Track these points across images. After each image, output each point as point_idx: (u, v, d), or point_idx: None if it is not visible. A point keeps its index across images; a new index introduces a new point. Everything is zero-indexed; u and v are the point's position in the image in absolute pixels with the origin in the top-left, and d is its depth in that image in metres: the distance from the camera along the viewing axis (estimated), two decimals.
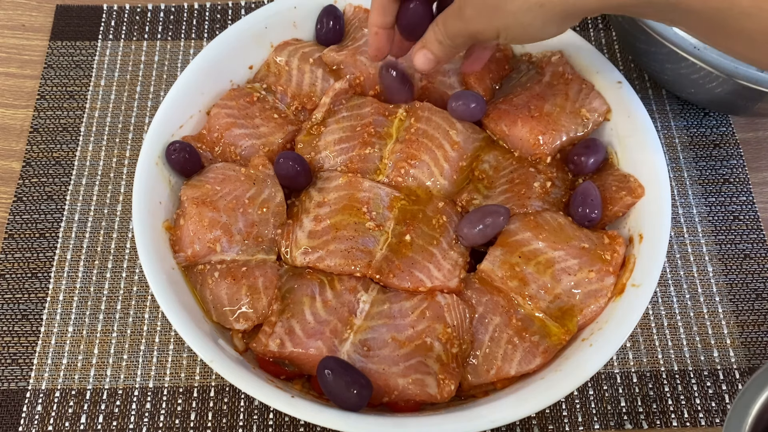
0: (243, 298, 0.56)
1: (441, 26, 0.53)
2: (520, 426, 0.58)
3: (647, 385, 0.60)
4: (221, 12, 0.80)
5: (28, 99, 0.74)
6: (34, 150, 0.71)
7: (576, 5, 0.45)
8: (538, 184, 0.61)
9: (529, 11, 0.47)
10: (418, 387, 0.52)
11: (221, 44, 0.66)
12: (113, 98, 0.74)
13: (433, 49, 0.55)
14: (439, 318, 0.54)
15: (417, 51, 0.56)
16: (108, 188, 0.69)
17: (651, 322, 0.63)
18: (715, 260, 0.66)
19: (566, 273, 0.56)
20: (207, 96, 0.66)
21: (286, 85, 0.68)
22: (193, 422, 0.58)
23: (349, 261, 0.57)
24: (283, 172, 0.61)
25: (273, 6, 0.69)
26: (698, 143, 0.72)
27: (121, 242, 0.66)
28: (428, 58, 0.56)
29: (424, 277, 0.56)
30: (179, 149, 0.60)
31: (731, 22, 0.42)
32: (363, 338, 0.54)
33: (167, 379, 0.60)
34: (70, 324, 0.62)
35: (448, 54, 0.55)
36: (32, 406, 0.59)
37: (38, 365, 0.61)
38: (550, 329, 0.55)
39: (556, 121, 0.62)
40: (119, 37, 0.78)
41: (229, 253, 0.58)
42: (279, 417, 0.59)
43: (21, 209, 0.68)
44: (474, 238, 0.58)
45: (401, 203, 0.60)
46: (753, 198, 0.69)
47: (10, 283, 0.64)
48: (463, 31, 0.52)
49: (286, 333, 0.55)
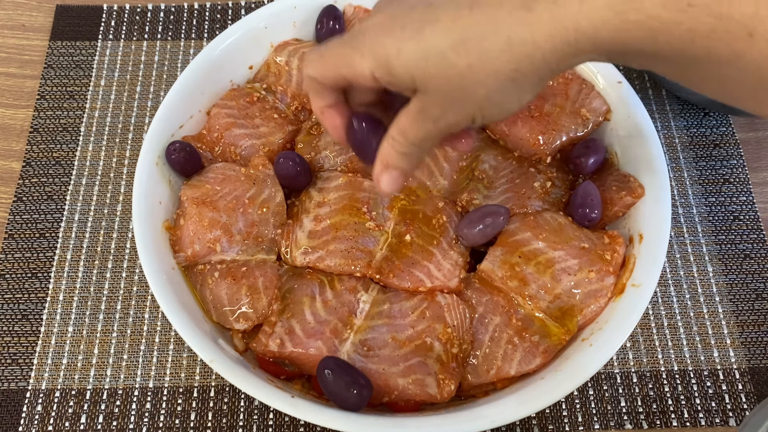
0: (243, 298, 0.56)
1: (400, 137, 0.45)
2: (520, 426, 0.58)
3: (647, 385, 0.60)
4: (221, 12, 0.80)
5: (28, 99, 0.74)
6: (34, 150, 0.71)
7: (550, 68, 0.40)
8: (538, 184, 0.61)
9: (502, 90, 0.41)
10: (418, 387, 0.52)
11: (221, 44, 0.66)
12: (113, 98, 0.74)
13: (398, 166, 0.47)
14: (439, 318, 0.54)
15: (380, 174, 0.48)
16: (108, 188, 0.69)
17: (651, 322, 0.63)
18: (715, 260, 0.66)
19: (566, 273, 0.56)
20: (207, 96, 0.66)
21: (286, 85, 0.68)
22: (193, 422, 0.58)
23: (349, 261, 0.57)
24: (283, 172, 0.61)
25: (273, 6, 0.69)
26: (698, 143, 0.72)
27: (121, 242, 0.66)
28: (395, 178, 0.48)
29: (424, 277, 0.56)
30: (179, 149, 0.61)
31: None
32: (363, 338, 0.54)
33: (167, 379, 0.60)
34: (70, 324, 0.62)
35: (416, 163, 0.48)
36: (32, 406, 0.59)
37: (38, 365, 0.61)
38: (550, 329, 0.55)
39: (556, 121, 0.62)
40: (119, 37, 0.78)
41: (229, 253, 0.58)
42: (279, 417, 0.59)
43: (21, 209, 0.68)
44: (474, 238, 0.58)
45: (401, 203, 0.60)
46: (753, 198, 0.69)
47: (10, 283, 0.64)
48: (432, 132, 0.45)
49: (286, 333, 0.55)
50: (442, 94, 0.42)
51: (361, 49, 0.43)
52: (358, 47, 0.43)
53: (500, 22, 0.38)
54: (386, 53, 0.41)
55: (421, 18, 0.41)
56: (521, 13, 0.38)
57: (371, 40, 0.42)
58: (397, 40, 0.41)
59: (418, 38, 0.40)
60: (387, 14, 0.43)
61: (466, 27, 0.39)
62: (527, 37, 0.38)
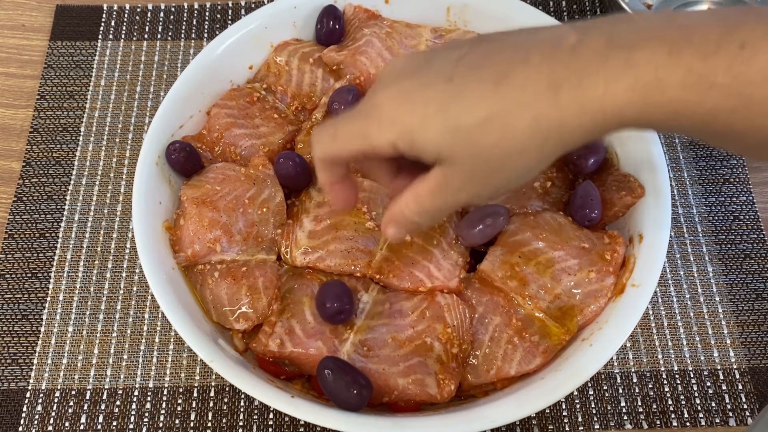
0: (243, 298, 0.56)
1: (415, 204, 0.46)
2: (520, 426, 0.58)
3: (647, 385, 0.60)
4: (221, 12, 0.80)
5: (28, 99, 0.74)
6: (34, 150, 0.71)
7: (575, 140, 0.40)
8: (538, 184, 0.61)
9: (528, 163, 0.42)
10: (418, 387, 0.52)
11: (221, 44, 0.66)
12: (113, 98, 0.74)
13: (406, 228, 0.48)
14: (439, 318, 0.54)
15: (387, 226, 0.49)
16: (108, 188, 0.69)
17: (651, 322, 0.63)
18: (715, 260, 0.66)
19: (566, 273, 0.56)
20: (207, 96, 0.66)
21: (286, 85, 0.68)
22: (193, 422, 0.58)
23: (349, 261, 0.57)
24: (283, 172, 0.61)
25: (273, 6, 0.69)
26: (698, 143, 0.72)
27: (121, 242, 0.66)
28: (401, 235, 0.49)
29: (424, 277, 0.56)
30: (179, 149, 0.61)
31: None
32: (363, 338, 0.54)
33: (167, 379, 0.60)
34: (70, 324, 0.62)
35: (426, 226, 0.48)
36: (32, 406, 0.59)
37: (38, 365, 0.61)
38: (550, 329, 0.55)
39: None
40: (119, 37, 0.78)
41: (229, 253, 0.58)
42: (279, 417, 0.59)
43: (21, 209, 0.68)
44: (474, 238, 0.58)
45: None
46: (753, 198, 0.69)
47: (10, 283, 0.64)
48: (450, 204, 0.45)
49: (286, 333, 0.55)
50: (467, 168, 0.42)
51: (379, 122, 0.43)
52: (376, 120, 0.43)
53: (526, 102, 0.39)
54: (410, 126, 0.41)
55: (444, 94, 0.41)
56: (547, 94, 0.38)
57: (390, 113, 0.42)
58: (420, 115, 0.41)
59: (444, 114, 0.40)
60: (402, 88, 0.42)
61: (491, 105, 0.39)
62: (554, 117, 0.39)
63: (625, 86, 0.37)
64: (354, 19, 0.70)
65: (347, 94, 0.63)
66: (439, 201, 0.45)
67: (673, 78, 0.36)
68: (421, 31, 0.69)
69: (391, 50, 0.66)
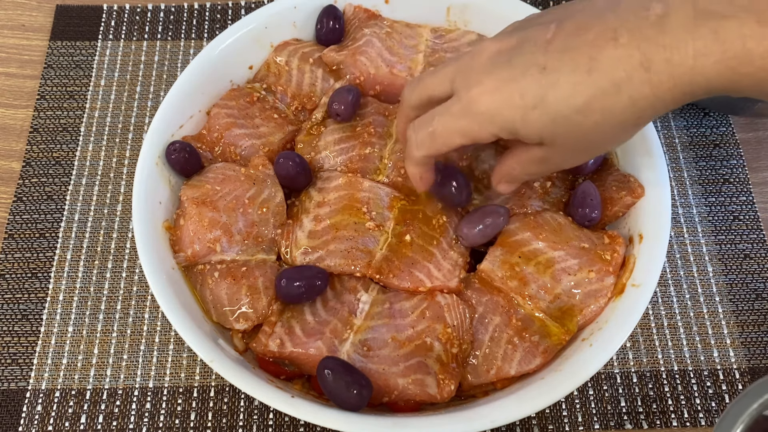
0: (243, 298, 0.56)
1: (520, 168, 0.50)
2: (520, 426, 0.58)
3: (647, 385, 0.60)
4: (221, 12, 0.80)
5: (28, 99, 0.74)
6: (34, 150, 0.71)
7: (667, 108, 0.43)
8: (538, 184, 0.61)
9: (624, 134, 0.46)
10: (418, 387, 0.52)
11: (221, 44, 0.66)
12: (113, 98, 0.74)
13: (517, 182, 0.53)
14: (439, 318, 0.54)
15: (499, 183, 0.53)
16: (108, 188, 0.69)
17: (651, 322, 0.63)
18: (715, 260, 0.66)
19: (566, 273, 0.56)
20: (207, 96, 0.66)
21: (286, 85, 0.68)
22: (193, 422, 0.58)
23: (349, 261, 0.57)
24: (283, 172, 0.61)
25: (273, 6, 0.69)
26: (698, 143, 0.72)
27: (121, 242, 0.66)
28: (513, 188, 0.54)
29: (424, 277, 0.56)
30: (179, 149, 0.61)
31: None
32: (363, 338, 0.54)
33: (167, 379, 0.60)
34: (70, 324, 0.62)
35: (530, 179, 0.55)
36: (32, 406, 0.59)
37: (38, 365, 0.61)
38: (550, 329, 0.55)
39: None
40: (119, 37, 0.78)
41: (229, 253, 0.58)
42: (279, 417, 0.59)
43: (21, 209, 0.68)
44: (474, 238, 0.58)
45: (401, 203, 0.60)
46: (753, 198, 0.69)
47: (10, 283, 0.64)
48: (551, 171, 0.51)
49: (286, 333, 0.55)
50: (568, 147, 0.46)
51: (479, 119, 0.46)
52: (475, 117, 0.46)
53: (620, 83, 0.41)
54: (511, 119, 0.44)
55: (540, 83, 0.43)
56: (639, 73, 0.41)
57: (489, 109, 0.45)
58: (520, 108, 0.44)
59: (544, 105, 0.43)
60: (496, 80, 0.45)
61: (588, 91, 0.42)
62: (649, 93, 0.41)
63: (714, 59, 0.39)
64: (354, 19, 0.70)
65: (347, 94, 0.63)
66: (542, 168, 0.49)
67: (760, 48, 0.37)
68: (421, 31, 0.69)
69: (391, 50, 0.66)
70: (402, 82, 0.66)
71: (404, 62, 0.66)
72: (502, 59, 0.45)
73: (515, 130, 0.45)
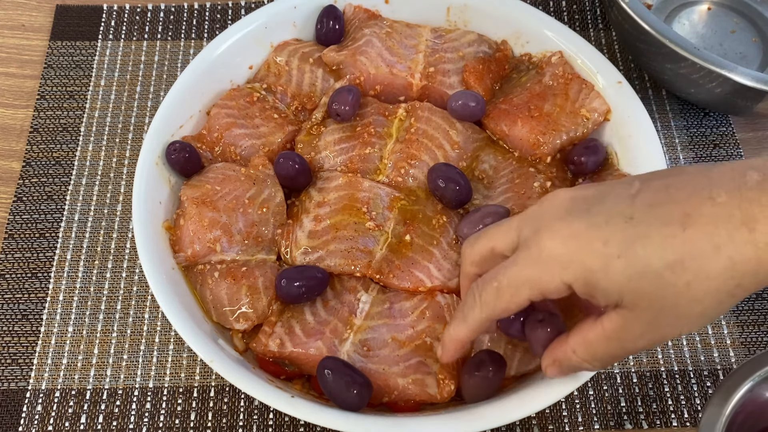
0: (243, 298, 0.56)
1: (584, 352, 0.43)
2: (520, 426, 0.58)
3: (647, 385, 0.60)
4: (221, 12, 0.80)
5: (28, 99, 0.74)
6: (34, 150, 0.71)
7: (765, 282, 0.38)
8: (538, 184, 0.61)
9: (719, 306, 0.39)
10: (418, 387, 0.52)
11: (221, 44, 0.66)
12: (113, 98, 0.74)
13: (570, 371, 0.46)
14: (439, 318, 0.54)
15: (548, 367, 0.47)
16: (108, 188, 0.69)
17: None
18: None
19: None
20: (207, 96, 0.66)
21: (286, 85, 0.68)
22: (193, 422, 0.58)
23: (349, 261, 0.57)
24: (283, 172, 0.61)
25: (273, 6, 0.69)
26: (698, 143, 0.72)
27: (121, 242, 0.66)
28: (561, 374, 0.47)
29: (424, 277, 0.56)
30: (179, 149, 0.61)
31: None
32: (363, 338, 0.54)
33: (167, 379, 0.60)
34: (70, 324, 0.62)
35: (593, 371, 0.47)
36: (32, 406, 0.59)
37: (38, 365, 0.61)
38: None
39: (556, 121, 0.62)
40: (119, 37, 0.78)
41: (229, 253, 0.58)
42: (279, 417, 0.59)
43: (21, 209, 0.68)
44: None
45: (401, 203, 0.60)
46: None
47: (10, 283, 0.64)
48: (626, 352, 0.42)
49: (286, 333, 0.55)
50: (653, 312, 0.39)
51: (550, 267, 0.41)
52: (547, 265, 0.41)
53: (720, 242, 0.37)
54: (590, 268, 0.39)
55: (626, 233, 0.39)
56: (742, 233, 0.37)
57: (564, 255, 0.40)
58: (601, 256, 0.39)
59: (629, 255, 0.38)
60: (574, 228, 0.40)
61: (682, 246, 0.38)
62: (752, 256, 0.37)
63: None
64: (354, 19, 0.70)
65: (347, 94, 0.63)
66: (615, 347, 0.42)
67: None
68: (421, 31, 0.69)
69: (391, 50, 0.66)
70: (402, 81, 0.66)
71: (404, 62, 0.66)
72: (579, 207, 0.41)
73: (593, 282, 0.39)
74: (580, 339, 0.43)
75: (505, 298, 0.43)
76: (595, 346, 0.42)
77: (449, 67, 0.66)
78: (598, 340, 0.42)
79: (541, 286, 0.41)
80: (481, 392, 0.52)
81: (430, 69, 0.66)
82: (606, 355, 0.43)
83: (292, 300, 0.55)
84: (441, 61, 0.67)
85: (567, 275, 0.40)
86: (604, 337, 0.42)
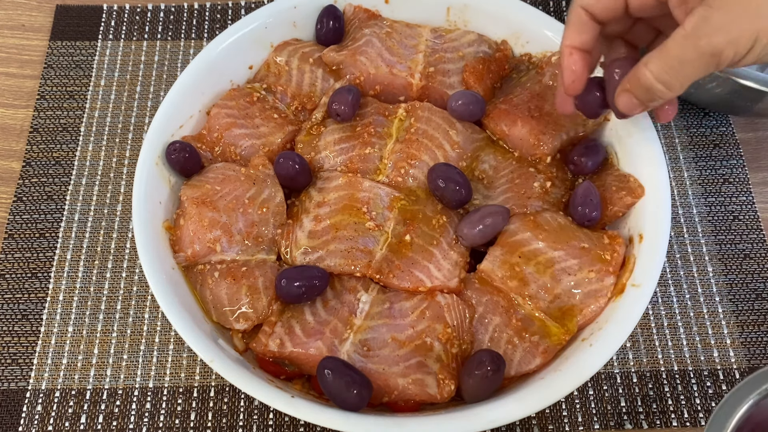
0: (243, 298, 0.56)
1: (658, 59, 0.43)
2: (520, 426, 0.58)
3: (647, 385, 0.60)
4: (221, 12, 0.80)
5: (28, 99, 0.74)
6: (34, 150, 0.71)
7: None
8: (538, 184, 0.61)
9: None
10: (418, 387, 0.52)
11: (221, 44, 0.66)
12: (113, 98, 0.74)
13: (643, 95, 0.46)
14: (439, 318, 0.54)
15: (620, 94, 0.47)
16: (108, 188, 0.69)
17: (651, 322, 0.63)
18: (715, 260, 0.66)
19: (566, 273, 0.56)
20: (207, 96, 0.66)
21: (286, 85, 0.68)
22: (193, 422, 0.58)
23: (349, 261, 0.57)
24: (283, 172, 0.61)
25: (273, 6, 0.69)
26: (698, 143, 0.72)
27: (121, 242, 0.66)
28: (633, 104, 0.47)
29: (424, 277, 0.56)
30: (179, 149, 0.61)
31: None
32: (363, 338, 0.54)
33: (167, 379, 0.60)
34: (70, 324, 0.62)
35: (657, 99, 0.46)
36: (32, 406, 0.59)
37: (38, 365, 0.61)
38: (550, 329, 0.55)
39: (556, 121, 0.62)
40: (119, 37, 0.78)
41: (229, 253, 0.58)
42: (279, 417, 0.59)
43: (21, 209, 0.68)
44: (474, 238, 0.58)
45: (401, 203, 0.60)
46: (753, 198, 0.69)
47: (10, 283, 0.64)
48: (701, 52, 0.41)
49: (286, 333, 0.55)
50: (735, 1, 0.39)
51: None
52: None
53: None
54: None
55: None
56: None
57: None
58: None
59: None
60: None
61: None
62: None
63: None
64: (354, 19, 0.70)
65: (347, 94, 0.63)
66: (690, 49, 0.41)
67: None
68: (421, 31, 0.69)
69: (390, 50, 0.66)
70: (402, 81, 0.66)
71: (404, 62, 0.66)
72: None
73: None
74: (656, 51, 0.43)
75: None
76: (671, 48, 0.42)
77: (449, 67, 0.66)
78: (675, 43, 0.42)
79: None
80: (480, 392, 0.52)
81: (430, 69, 0.66)
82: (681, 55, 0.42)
83: (292, 300, 0.55)
84: (441, 61, 0.67)
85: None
86: (682, 36, 0.41)
